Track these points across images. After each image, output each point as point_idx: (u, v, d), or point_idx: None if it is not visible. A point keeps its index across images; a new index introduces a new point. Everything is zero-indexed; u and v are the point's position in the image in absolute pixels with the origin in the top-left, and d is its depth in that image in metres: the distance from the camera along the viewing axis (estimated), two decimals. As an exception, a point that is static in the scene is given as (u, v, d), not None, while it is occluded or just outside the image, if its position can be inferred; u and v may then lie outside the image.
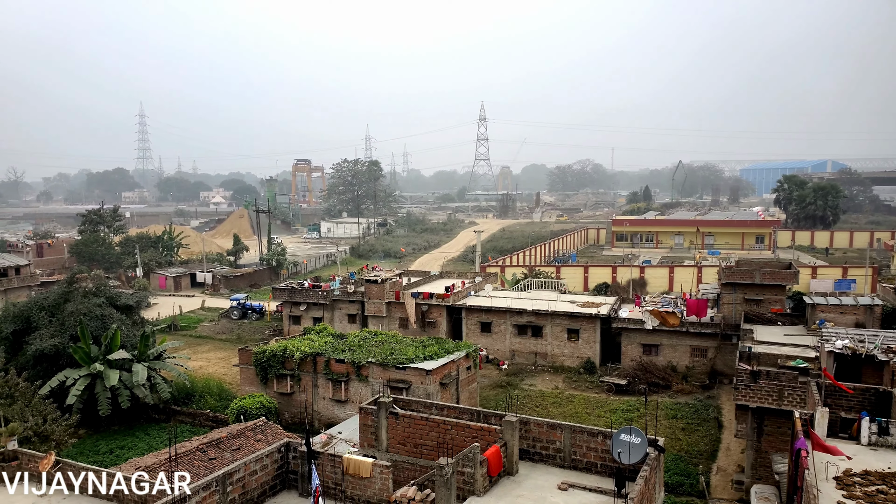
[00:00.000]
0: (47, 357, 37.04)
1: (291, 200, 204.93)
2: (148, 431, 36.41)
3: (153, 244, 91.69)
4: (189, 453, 23.89)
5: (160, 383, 37.59)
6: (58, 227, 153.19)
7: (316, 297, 54.71)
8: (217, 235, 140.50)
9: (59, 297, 40.99)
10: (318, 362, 36.98)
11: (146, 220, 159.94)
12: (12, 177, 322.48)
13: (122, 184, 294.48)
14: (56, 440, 30.76)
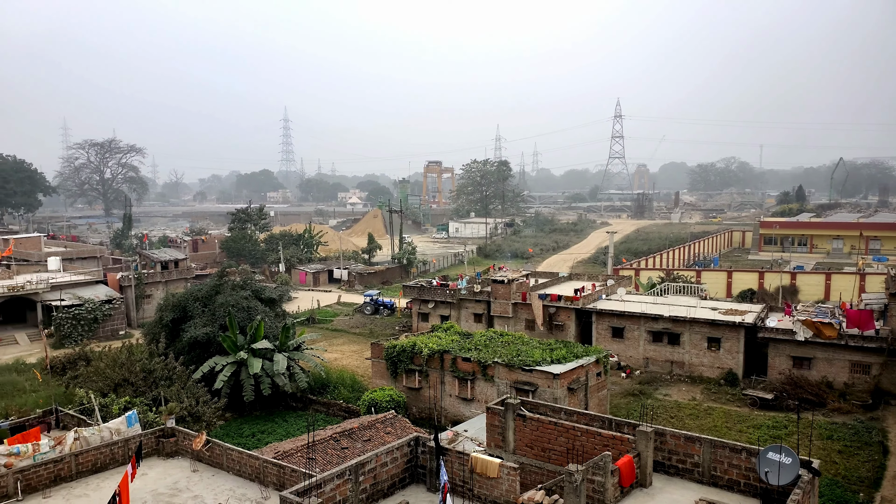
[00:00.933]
0: (200, 344, 40.61)
1: (422, 201, 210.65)
2: (286, 418, 38.84)
3: (295, 242, 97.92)
4: (323, 441, 25.14)
5: (298, 373, 39.96)
6: (210, 224, 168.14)
7: (443, 295, 55.70)
8: (353, 234, 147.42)
9: (211, 290, 44.80)
10: (444, 360, 37.58)
11: (288, 219, 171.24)
12: (174, 178, 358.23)
13: (268, 184, 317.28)
14: (206, 421, 33.66)
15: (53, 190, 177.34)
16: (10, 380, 42.40)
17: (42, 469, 21.48)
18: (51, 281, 59.68)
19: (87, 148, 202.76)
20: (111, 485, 20.79)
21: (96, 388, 34.08)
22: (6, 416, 32.92)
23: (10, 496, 20.55)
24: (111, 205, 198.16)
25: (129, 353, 38.08)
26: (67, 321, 54.79)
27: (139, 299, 63.80)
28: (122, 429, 24.77)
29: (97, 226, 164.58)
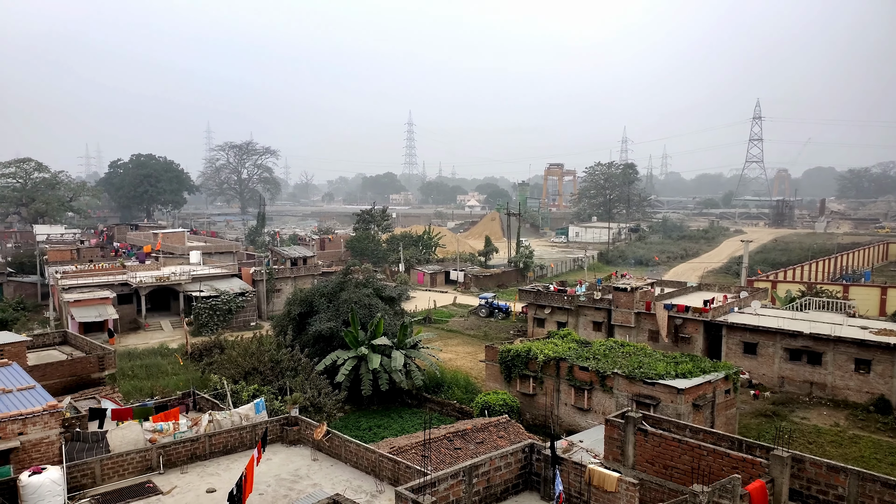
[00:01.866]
0: (324, 338, 42.62)
1: (541, 204, 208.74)
2: (401, 414, 39.83)
3: (414, 243, 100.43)
4: (437, 440, 25.50)
5: (414, 371, 40.88)
6: (337, 224, 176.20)
7: (561, 301, 54.78)
8: (470, 236, 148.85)
9: (335, 286, 46.89)
10: (561, 367, 36.92)
11: (409, 221, 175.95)
12: (304, 179, 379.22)
13: (391, 187, 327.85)
14: (327, 412, 35.22)
15: (197, 189, 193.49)
16: (156, 362, 46.66)
17: (181, 446, 23.40)
18: (192, 273, 65.14)
19: (227, 150, 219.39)
20: (239, 466, 22.26)
21: (228, 374, 36.69)
22: (152, 396, 36.31)
23: (153, 469, 22.57)
24: (247, 203, 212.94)
25: (258, 344, 40.70)
26: (205, 311, 59.49)
27: (269, 293, 68.03)
28: (251, 415, 26.47)
29: (234, 223, 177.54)
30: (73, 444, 23.21)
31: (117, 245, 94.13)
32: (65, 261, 72.54)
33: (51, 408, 21.39)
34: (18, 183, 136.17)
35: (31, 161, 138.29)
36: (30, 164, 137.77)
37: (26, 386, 23.29)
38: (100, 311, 55.21)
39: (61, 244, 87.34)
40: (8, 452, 20.34)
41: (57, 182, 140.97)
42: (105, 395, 31.88)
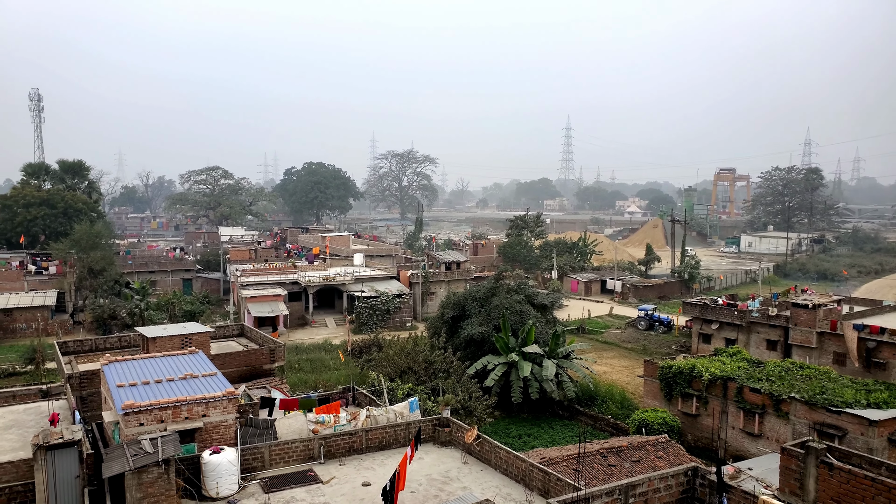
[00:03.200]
0: (475, 342, 43.16)
1: (710, 211, 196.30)
2: (552, 425, 39.22)
3: (568, 249, 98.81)
4: (590, 455, 24.74)
5: (566, 381, 40.09)
6: (490, 229, 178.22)
7: (731, 316, 51.00)
8: (629, 244, 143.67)
9: (487, 291, 47.34)
10: (729, 388, 34.32)
11: (563, 227, 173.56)
12: (460, 186, 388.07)
13: (545, 192, 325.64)
14: (477, 416, 35.56)
15: (361, 195, 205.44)
16: (320, 357, 49.95)
17: (340, 439, 24.77)
18: (355, 274, 69.08)
19: (390, 158, 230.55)
20: (393, 462, 23.09)
21: (385, 372, 38.34)
22: (315, 388, 38.89)
23: (314, 458, 24.09)
24: (406, 209, 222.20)
25: (413, 344, 42.12)
26: (366, 310, 62.78)
27: (425, 295, 70.31)
28: (405, 413, 27.40)
29: (393, 227, 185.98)
30: (245, 428, 25.42)
31: (289, 246, 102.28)
32: (244, 260, 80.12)
33: (229, 394, 23.59)
34: (208, 188, 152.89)
35: (219, 169, 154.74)
36: (217, 171, 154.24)
37: (209, 372, 25.89)
38: (272, 307, 60.28)
39: (241, 245, 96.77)
40: (193, 432, 22.71)
41: (239, 188, 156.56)
42: (274, 385, 34.65)
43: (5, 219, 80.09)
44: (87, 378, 31.14)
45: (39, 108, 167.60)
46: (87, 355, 36.69)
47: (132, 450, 20.00)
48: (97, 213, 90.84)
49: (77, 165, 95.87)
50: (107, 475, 19.87)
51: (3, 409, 31.64)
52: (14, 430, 28.47)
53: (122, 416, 21.62)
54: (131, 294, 63.16)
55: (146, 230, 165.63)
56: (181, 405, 22.48)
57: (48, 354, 46.21)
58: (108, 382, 24.58)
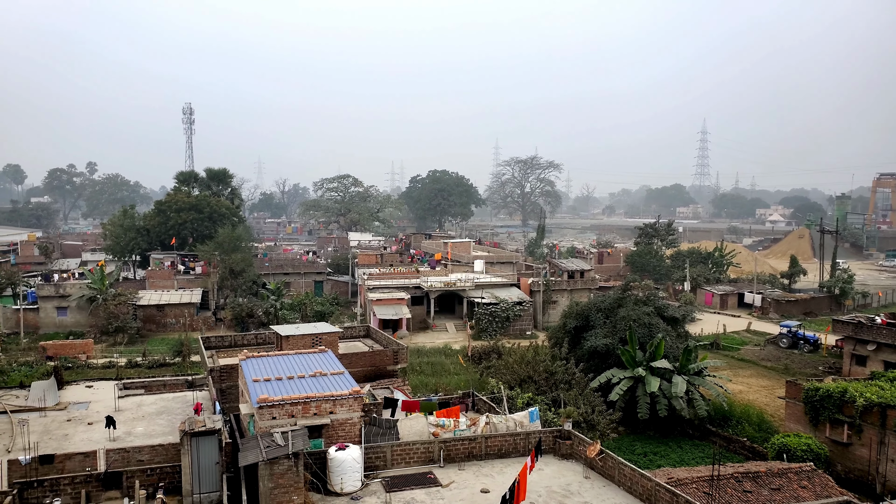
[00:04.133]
0: (599, 354, 42.07)
1: (867, 221, 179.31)
2: (681, 444, 37.37)
3: (703, 260, 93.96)
4: (723, 478, 23.34)
5: (697, 399, 38.07)
6: (616, 237, 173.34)
7: (891, 336, 46.21)
8: (770, 255, 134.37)
9: (613, 302, 46.02)
10: (888, 416, 31.11)
11: (697, 236, 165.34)
12: (585, 192, 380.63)
13: (678, 199, 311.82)
14: (600, 430, 34.63)
15: (483, 202, 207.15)
16: (440, 361, 50.81)
17: (459, 444, 25.04)
18: (475, 280, 69.68)
19: (513, 165, 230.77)
20: (511, 472, 22.99)
21: (504, 380, 38.32)
22: (436, 392, 39.58)
23: (434, 461, 24.52)
24: (528, 216, 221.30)
25: (534, 353, 41.79)
26: (485, 317, 63.10)
27: (545, 304, 69.56)
28: (525, 422, 27.23)
29: (515, 234, 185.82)
30: (369, 427, 26.33)
31: (413, 252, 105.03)
32: (370, 264, 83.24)
33: (355, 393, 24.57)
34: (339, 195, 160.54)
35: (350, 177, 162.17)
36: (348, 179, 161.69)
37: (337, 371, 27.11)
38: (396, 310, 62.16)
39: (368, 249, 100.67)
40: (321, 428, 23.86)
41: (368, 195, 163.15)
42: (397, 386, 35.66)
43: (160, 222, 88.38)
44: (227, 372, 33.63)
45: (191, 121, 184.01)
46: (226, 350, 39.66)
47: (265, 441, 21.32)
48: (238, 217, 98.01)
49: (222, 173, 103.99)
50: (242, 464, 21.32)
51: (155, 397, 34.91)
52: (164, 416, 31.31)
53: (257, 409, 23.12)
54: (267, 294, 67.55)
55: (282, 234, 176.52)
56: (311, 401, 23.69)
57: (193, 348, 50.44)
58: (245, 377, 26.40)
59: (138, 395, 35.29)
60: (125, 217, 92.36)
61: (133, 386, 36.89)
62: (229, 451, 23.99)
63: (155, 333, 62.87)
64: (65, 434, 28.77)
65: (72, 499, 23.46)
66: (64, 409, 32.65)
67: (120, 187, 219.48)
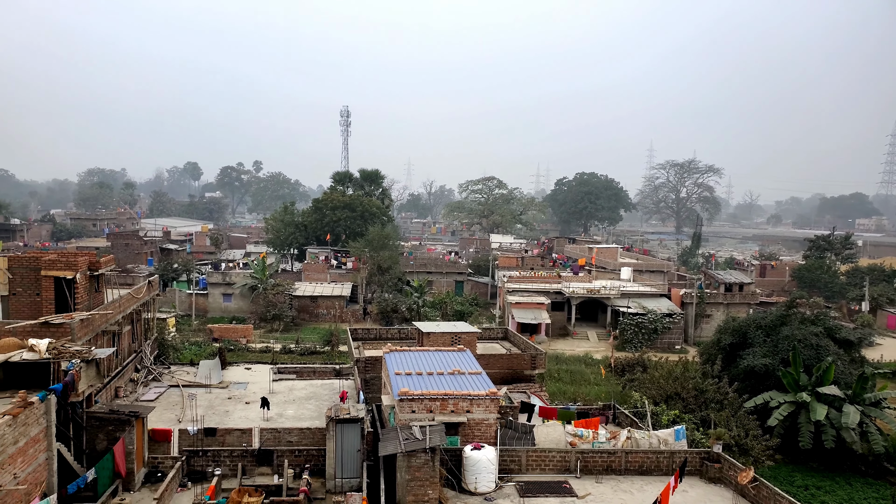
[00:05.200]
0: (756, 374, 39.12)
1: None
2: (850, 481, 33.83)
3: (886, 278, 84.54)
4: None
5: (873, 433, 34.26)
6: (782, 249, 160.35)
7: None
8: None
9: (775, 319, 42.64)
10: None
11: (880, 251, 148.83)
12: (748, 200, 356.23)
13: (858, 210, 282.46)
14: (754, 456, 32.26)
15: (633, 206, 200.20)
16: (580, 370, 49.85)
17: (597, 456, 24.45)
18: (621, 289, 67.56)
19: (668, 168, 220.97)
20: (653, 490, 22.08)
21: (649, 394, 36.80)
22: (574, 401, 38.91)
23: (570, 471, 24.12)
24: (682, 223, 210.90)
25: (683, 369, 39.76)
26: (630, 327, 60.97)
27: (698, 318, 65.94)
28: (670, 440, 26.03)
29: (667, 242, 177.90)
30: (505, 430, 26.43)
31: (555, 256, 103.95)
32: (511, 267, 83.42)
33: (492, 394, 24.77)
34: (483, 197, 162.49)
35: (494, 179, 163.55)
36: (493, 181, 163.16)
37: (475, 371, 27.49)
38: (535, 315, 61.84)
39: (510, 252, 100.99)
40: (457, 426, 24.32)
41: (511, 198, 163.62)
42: (534, 391, 35.48)
43: (316, 219, 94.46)
44: (371, 363, 35.23)
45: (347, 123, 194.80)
46: (372, 343, 41.55)
47: (404, 434, 22.10)
48: (388, 217, 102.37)
49: (374, 174, 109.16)
50: (382, 454, 22.25)
51: (305, 382, 37.33)
52: (312, 401, 33.39)
53: (398, 402, 24.01)
54: (411, 291, 69.90)
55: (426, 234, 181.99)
56: (448, 399, 24.22)
57: (341, 339, 53.37)
58: (388, 369, 27.52)
59: (290, 379, 37.92)
60: (285, 213, 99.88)
61: (286, 371, 39.68)
62: (370, 440, 25.13)
63: (307, 323, 67.23)
64: (226, 410, 31.57)
65: (230, 470, 25.71)
66: (226, 387, 35.84)
67: (282, 185, 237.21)
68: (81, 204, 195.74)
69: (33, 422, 19.42)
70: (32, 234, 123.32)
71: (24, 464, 18.77)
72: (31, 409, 19.36)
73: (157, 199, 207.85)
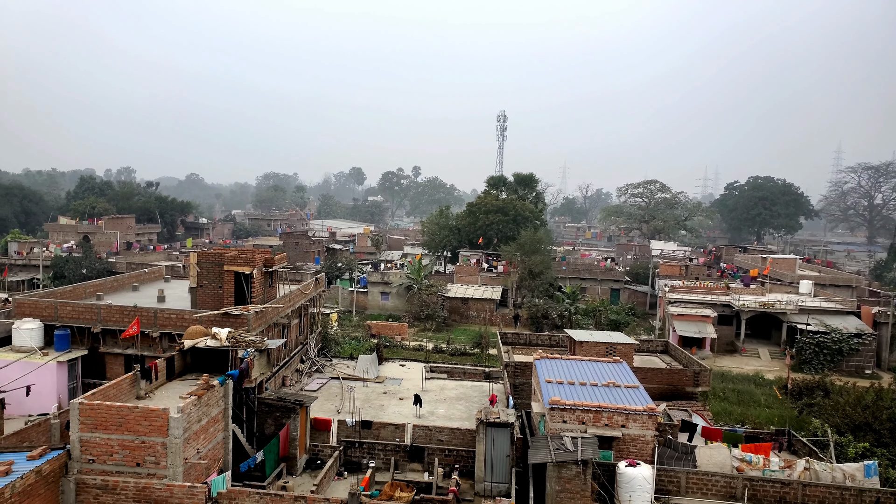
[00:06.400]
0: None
1: None
2: None
3: None
4: None
5: None
6: None
7: None
8: None
9: None
10: None
11: None
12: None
13: None
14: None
15: (815, 214, 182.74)
16: (749, 390, 46.28)
17: (769, 485, 22.50)
18: (799, 304, 61.87)
19: (859, 172, 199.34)
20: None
21: (832, 422, 33.30)
22: (742, 423, 36.17)
23: (736, 498, 22.40)
24: (876, 233, 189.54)
25: (876, 396, 35.55)
26: (809, 346, 55.60)
27: (894, 339, 58.75)
28: (858, 476, 23.36)
29: (856, 253, 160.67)
30: (663, 449, 25.13)
31: (724, 266, 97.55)
32: (673, 275, 79.41)
33: (650, 410, 23.66)
34: (643, 202, 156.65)
35: (657, 182, 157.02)
36: (655, 185, 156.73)
37: (631, 384, 26.41)
38: (699, 328, 58.33)
39: (672, 260, 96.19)
40: (611, 440, 23.49)
41: (675, 202, 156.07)
42: (696, 410, 33.43)
43: (470, 222, 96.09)
44: (521, 368, 35.07)
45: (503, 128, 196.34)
46: (521, 348, 41.39)
47: (555, 443, 21.72)
48: (540, 221, 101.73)
49: (528, 178, 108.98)
50: (532, 461, 22.02)
51: (455, 383, 38.00)
52: (462, 402, 33.89)
53: (548, 410, 23.66)
54: (563, 297, 68.83)
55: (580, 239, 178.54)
56: (602, 411, 23.48)
57: (491, 342, 53.75)
58: (539, 376, 27.23)
59: (441, 378, 38.78)
60: (440, 216, 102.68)
61: (438, 370, 40.66)
62: (519, 447, 24.99)
63: (458, 324, 68.51)
64: (381, 405, 32.93)
65: (383, 463, 26.76)
66: (382, 382, 37.41)
67: (438, 189, 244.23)
68: (258, 205, 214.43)
69: (214, 403, 21.41)
70: (216, 233, 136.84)
71: (205, 441, 20.73)
72: (213, 391, 21.35)
73: (325, 201, 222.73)
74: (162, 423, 18.72)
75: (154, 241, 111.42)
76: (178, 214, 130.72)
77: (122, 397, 21.35)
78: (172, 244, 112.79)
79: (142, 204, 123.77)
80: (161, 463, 18.85)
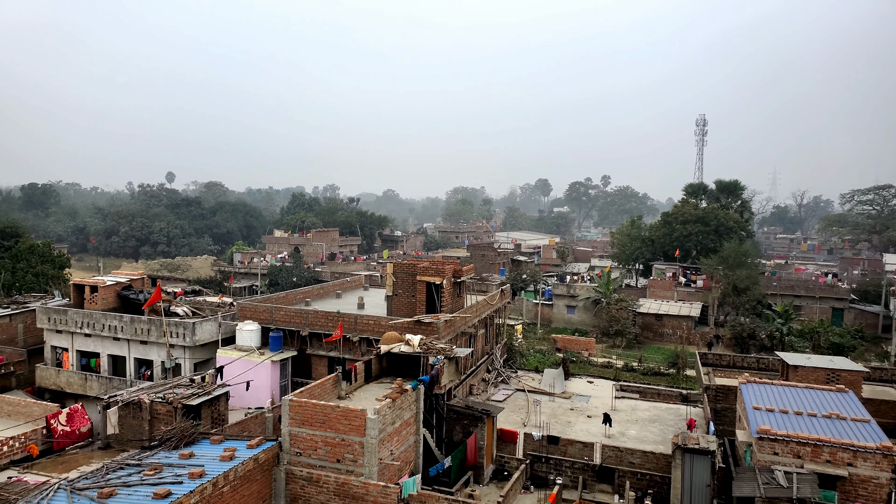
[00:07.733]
0: None
1: None
2: None
3: None
4: None
5: None
6: None
7: None
8: None
9: None
10: None
11: None
12: None
13: None
14: None
15: None
16: None
17: None
18: None
19: None
20: None
21: None
22: None
23: None
24: None
25: None
26: None
27: None
28: None
29: None
30: (901, 494, 21.87)
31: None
32: (912, 295, 69.30)
33: (885, 448, 20.75)
34: (874, 210, 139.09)
35: (892, 188, 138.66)
36: (889, 190, 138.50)
37: (860, 418, 23.36)
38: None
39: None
40: (834, 479, 20.91)
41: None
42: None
43: (665, 233, 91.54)
44: (723, 392, 32.55)
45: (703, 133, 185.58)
46: (724, 370, 38.42)
47: (764, 477, 19.84)
48: (746, 231, 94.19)
49: (732, 185, 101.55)
50: (736, 494, 20.28)
51: (648, 404, 36.28)
52: (656, 424, 32.25)
53: (756, 440, 21.66)
54: (773, 316, 63.00)
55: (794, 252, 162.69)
56: (823, 445, 21.03)
57: (688, 362, 50.59)
58: (745, 402, 25.06)
59: (633, 398, 37.21)
60: (632, 227, 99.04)
61: (629, 389, 39.09)
62: (721, 477, 23.17)
63: (651, 341, 65.46)
64: (567, 421, 32.34)
65: (570, 481, 26.21)
66: (568, 398, 36.78)
67: (629, 199, 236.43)
68: (447, 218, 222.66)
69: (406, 406, 22.39)
70: (409, 244, 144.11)
71: (398, 443, 21.73)
72: (406, 395, 22.35)
73: (510, 213, 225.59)
74: (360, 423, 19.92)
75: (355, 252, 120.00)
76: (376, 228, 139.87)
77: (325, 396, 23.09)
78: (371, 255, 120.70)
79: (344, 218, 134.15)
80: (358, 461, 20.03)
